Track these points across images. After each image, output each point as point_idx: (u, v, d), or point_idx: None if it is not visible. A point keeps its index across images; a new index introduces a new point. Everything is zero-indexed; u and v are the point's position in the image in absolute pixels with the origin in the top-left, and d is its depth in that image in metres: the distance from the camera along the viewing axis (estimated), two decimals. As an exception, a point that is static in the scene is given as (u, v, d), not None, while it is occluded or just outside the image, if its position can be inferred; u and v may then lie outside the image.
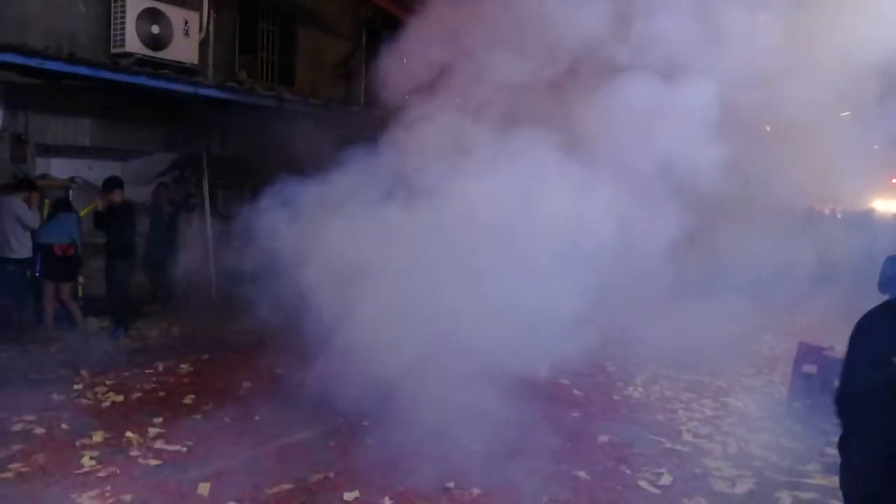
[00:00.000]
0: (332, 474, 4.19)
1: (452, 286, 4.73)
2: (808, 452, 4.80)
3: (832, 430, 2.99)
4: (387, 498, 3.88)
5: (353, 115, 10.57)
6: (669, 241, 4.96)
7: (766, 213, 7.94)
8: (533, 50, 5.50)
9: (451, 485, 4.06)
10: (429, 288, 4.79)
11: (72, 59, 6.86)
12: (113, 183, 7.67)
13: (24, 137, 7.69)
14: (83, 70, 6.88)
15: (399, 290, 4.82)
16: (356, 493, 3.92)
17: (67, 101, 7.85)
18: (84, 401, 5.43)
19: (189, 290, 9.65)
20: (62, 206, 7.76)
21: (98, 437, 4.64)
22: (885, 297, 2.81)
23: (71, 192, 8.23)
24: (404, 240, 4.95)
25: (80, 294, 8.01)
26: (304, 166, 10.09)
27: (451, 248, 4.76)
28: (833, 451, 3.16)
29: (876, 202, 20.42)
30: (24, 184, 7.27)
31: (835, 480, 3.48)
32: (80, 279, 8.03)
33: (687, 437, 5.17)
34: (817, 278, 9.71)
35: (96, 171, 8.79)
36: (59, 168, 8.50)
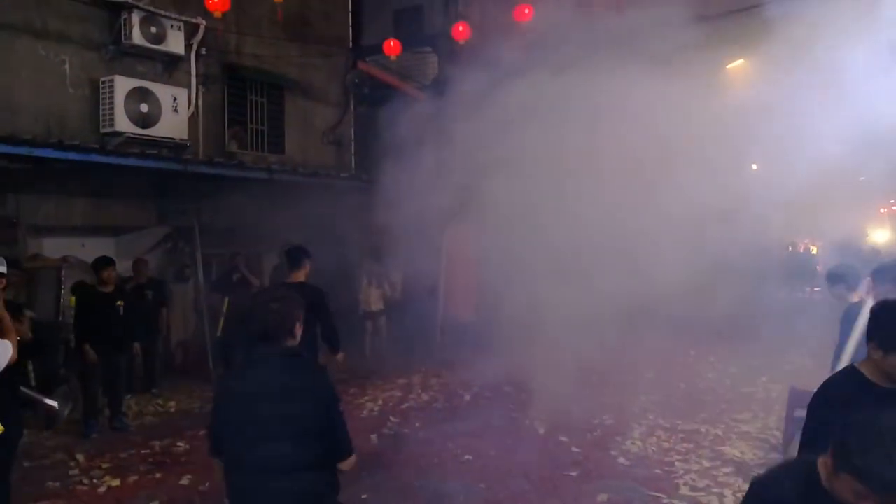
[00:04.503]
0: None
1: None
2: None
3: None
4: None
5: (343, 181, 10.76)
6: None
7: (751, 250, 8.01)
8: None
9: (450, 559, 4.05)
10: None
11: (61, 146, 7.00)
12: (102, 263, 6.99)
13: (14, 221, 7.78)
14: (72, 155, 7.02)
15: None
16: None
17: (58, 182, 7.97)
18: (80, 487, 5.40)
19: (185, 363, 9.66)
20: None
21: (95, 526, 4.60)
22: None
23: (63, 270, 8.28)
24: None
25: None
26: (295, 233, 10.23)
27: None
28: None
29: (868, 232, 20.56)
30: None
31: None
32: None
33: (684, 490, 5.16)
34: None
35: (89, 249, 8.87)
36: (51, 247, 8.59)
